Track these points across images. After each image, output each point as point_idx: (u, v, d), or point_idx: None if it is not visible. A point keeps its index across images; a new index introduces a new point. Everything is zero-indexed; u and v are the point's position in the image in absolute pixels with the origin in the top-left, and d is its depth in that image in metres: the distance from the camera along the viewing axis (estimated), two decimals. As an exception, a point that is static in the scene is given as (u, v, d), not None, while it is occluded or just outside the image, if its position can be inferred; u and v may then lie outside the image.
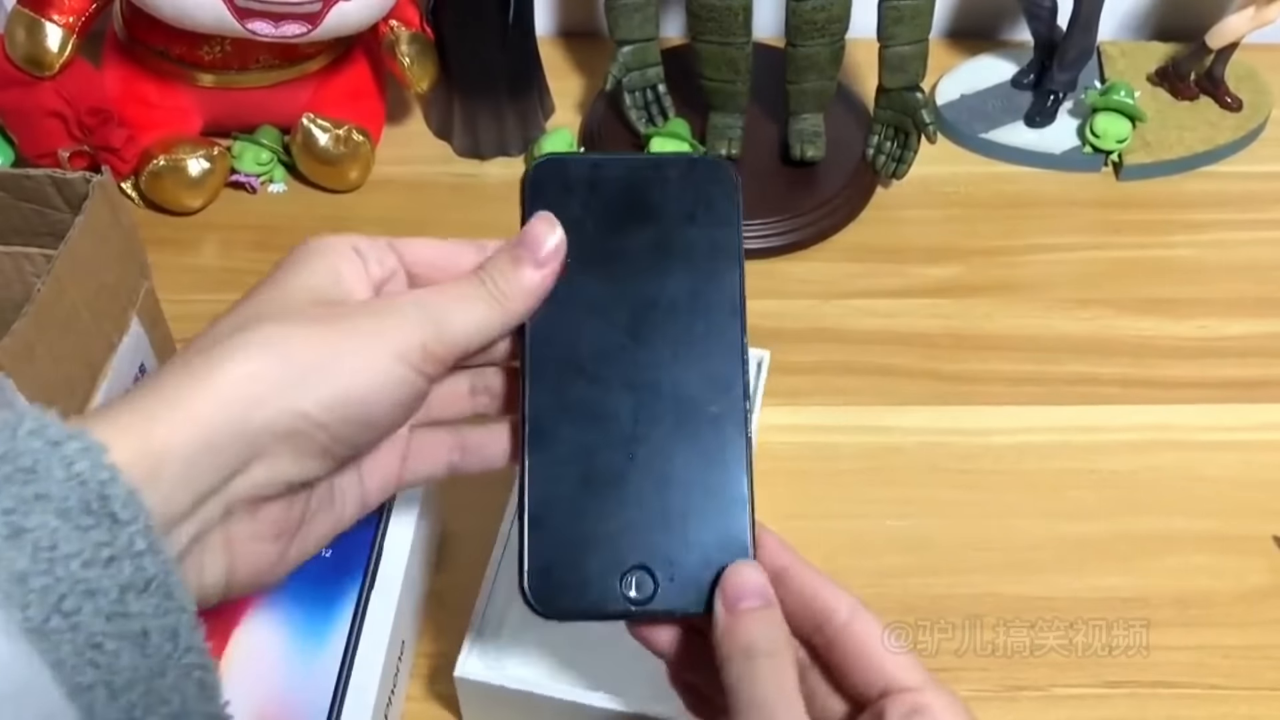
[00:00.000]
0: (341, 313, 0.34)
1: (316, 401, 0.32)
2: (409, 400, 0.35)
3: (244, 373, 0.31)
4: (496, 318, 0.36)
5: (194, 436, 0.30)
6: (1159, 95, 0.80)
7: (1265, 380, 0.65)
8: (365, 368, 0.33)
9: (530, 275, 0.36)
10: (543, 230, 0.37)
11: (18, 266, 0.50)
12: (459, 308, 0.36)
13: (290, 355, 0.32)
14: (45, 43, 0.64)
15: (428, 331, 0.34)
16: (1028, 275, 0.70)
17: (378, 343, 0.33)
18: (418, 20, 0.73)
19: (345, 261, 0.36)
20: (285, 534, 0.35)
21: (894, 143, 0.72)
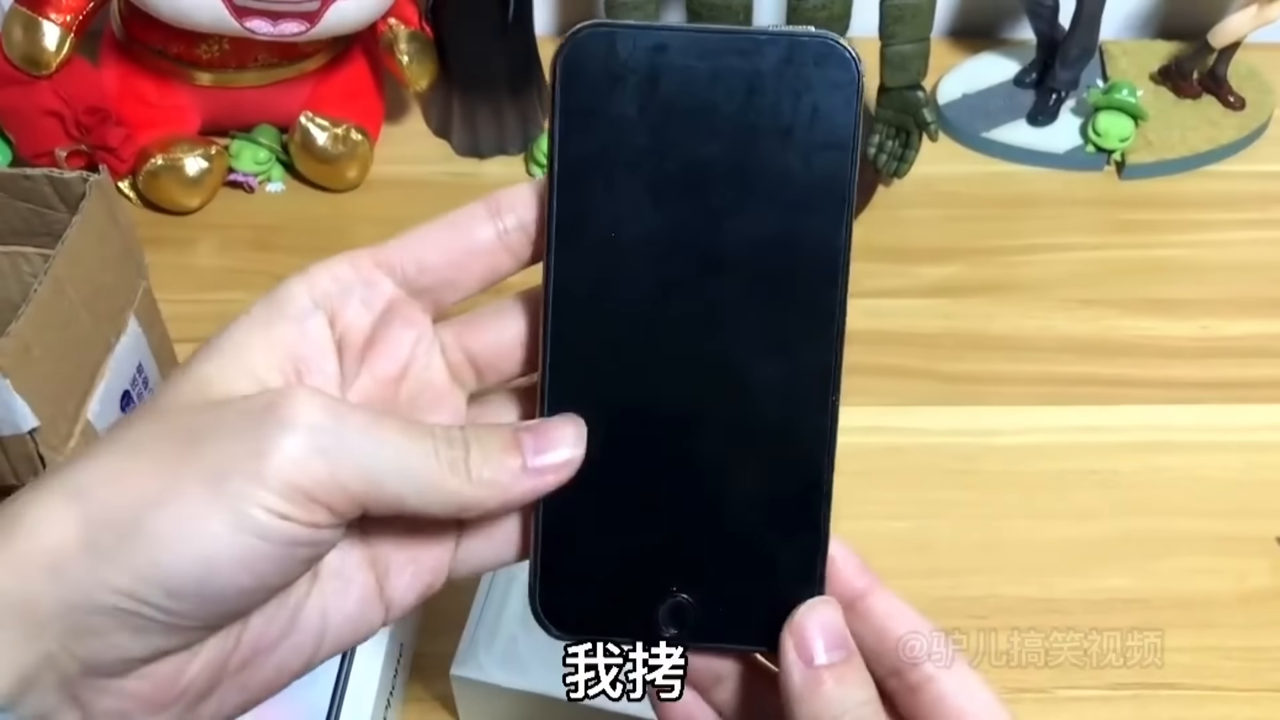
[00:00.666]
0: (206, 427, 0.25)
1: (129, 575, 0.24)
2: (277, 558, 0.25)
3: (43, 530, 0.24)
4: (444, 494, 0.26)
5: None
6: (1161, 94, 0.79)
7: (1267, 380, 0.65)
8: (196, 526, 0.24)
9: (515, 473, 0.27)
10: (563, 435, 0.28)
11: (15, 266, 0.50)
12: (388, 452, 0.26)
13: (107, 504, 0.24)
14: (43, 42, 0.64)
15: (314, 470, 0.25)
16: (1029, 275, 0.70)
17: (226, 482, 0.24)
18: (416, 18, 0.73)
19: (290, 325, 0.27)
20: (175, 702, 0.26)
21: (895, 141, 0.72)
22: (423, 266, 0.29)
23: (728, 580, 0.29)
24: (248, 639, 0.27)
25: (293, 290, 0.28)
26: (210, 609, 0.25)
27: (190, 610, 0.25)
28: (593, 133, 0.28)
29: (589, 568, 0.30)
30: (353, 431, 0.26)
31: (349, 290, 0.28)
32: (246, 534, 0.24)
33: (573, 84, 0.28)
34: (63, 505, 0.24)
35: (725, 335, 0.28)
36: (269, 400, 0.26)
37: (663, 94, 0.28)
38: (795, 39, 0.28)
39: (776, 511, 0.29)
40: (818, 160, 0.28)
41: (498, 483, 0.27)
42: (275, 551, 0.25)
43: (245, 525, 0.24)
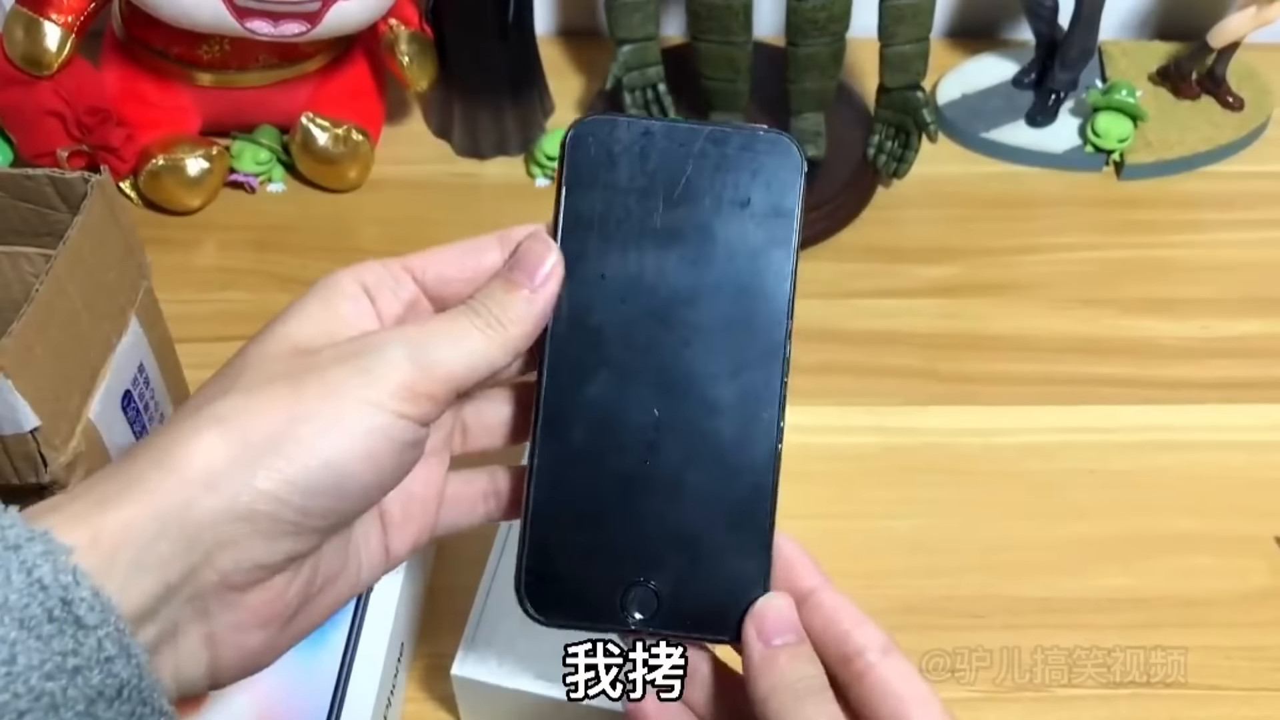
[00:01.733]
0: (311, 364, 0.31)
1: (276, 478, 0.29)
2: (396, 453, 0.31)
3: (196, 453, 0.29)
4: (494, 348, 0.33)
5: (145, 526, 0.28)
6: (1160, 95, 0.79)
7: (1267, 380, 0.65)
8: (332, 429, 0.30)
9: (526, 300, 0.34)
10: (538, 251, 0.34)
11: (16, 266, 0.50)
12: (448, 341, 0.33)
13: (247, 427, 0.30)
14: (44, 42, 0.64)
15: (412, 371, 0.31)
16: (1029, 275, 0.70)
17: (348, 395, 0.30)
18: (417, 19, 0.73)
19: (347, 301, 0.34)
20: (276, 618, 0.31)
21: (895, 142, 0.72)
22: (441, 278, 0.35)
23: (690, 575, 0.34)
24: (323, 568, 0.32)
25: (342, 279, 0.34)
26: (338, 506, 0.31)
27: (322, 508, 0.30)
28: (589, 196, 0.35)
29: (567, 560, 0.34)
30: (424, 338, 0.32)
31: (383, 282, 0.34)
32: (371, 432, 0.30)
33: (576, 157, 0.35)
34: (209, 431, 0.29)
35: (690, 362, 0.34)
36: (354, 342, 0.32)
37: (645, 167, 0.35)
38: (755, 132, 0.35)
39: (730, 517, 0.34)
40: (766, 226, 0.35)
41: (522, 316, 0.34)
42: (392, 447, 0.31)
43: (370, 424, 0.30)
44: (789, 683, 0.32)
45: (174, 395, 0.55)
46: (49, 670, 0.26)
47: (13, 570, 0.26)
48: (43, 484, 0.44)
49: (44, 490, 0.45)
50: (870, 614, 0.54)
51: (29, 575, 0.26)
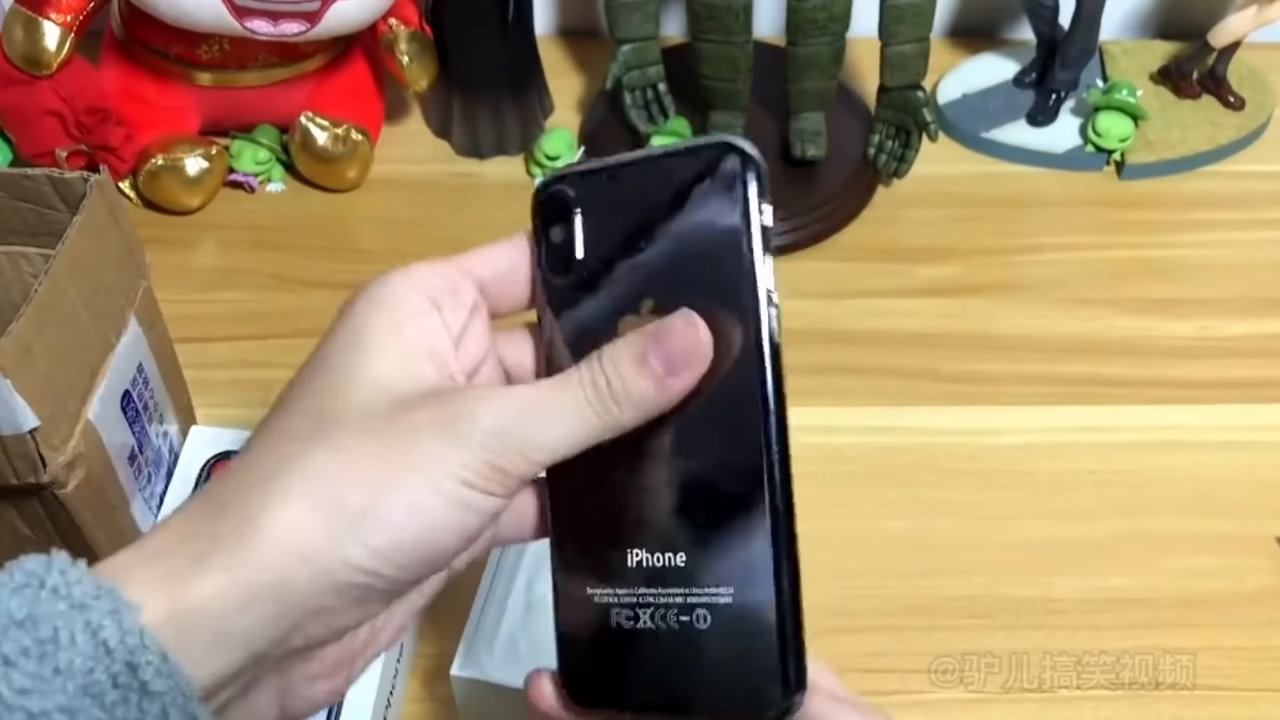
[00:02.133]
0: (402, 426, 0.29)
1: (370, 551, 0.28)
2: (482, 524, 0.30)
3: (286, 524, 0.28)
4: (598, 430, 0.30)
5: (230, 600, 0.27)
6: (1161, 94, 0.79)
7: (1267, 380, 0.65)
8: (426, 503, 0.29)
9: (657, 389, 0.30)
10: (688, 337, 0.30)
11: (15, 266, 0.50)
12: (553, 416, 0.30)
13: (340, 496, 0.28)
14: (43, 42, 0.64)
15: (504, 451, 0.29)
16: (1029, 275, 0.70)
17: (437, 469, 0.29)
18: (417, 19, 0.73)
19: (416, 321, 0.31)
20: (346, 666, 0.31)
21: (895, 142, 0.72)
22: (498, 275, 0.33)
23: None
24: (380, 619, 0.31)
25: (401, 293, 0.31)
26: (424, 571, 0.30)
27: (410, 575, 0.29)
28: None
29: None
30: (527, 410, 0.30)
31: (443, 291, 0.32)
32: (458, 508, 0.29)
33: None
34: (299, 496, 0.28)
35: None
36: (453, 405, 0.30)
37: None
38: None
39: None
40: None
41: (643, 403, 0.30)
42: (479, 519, 0.30)
43: (457, 502, 0.29)
44: None
45: (173, 395, 0.55)
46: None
47: (78, 631, 0.25)
48: (41, 484, 0.44)
49: (42, 490, 0.45)
50: (870, 614, 0.54)
51: (94, 636, 0.25)
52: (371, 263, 0.70)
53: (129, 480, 0.50)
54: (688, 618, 0.31)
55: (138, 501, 0.51)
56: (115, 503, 0.49)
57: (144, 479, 0.52)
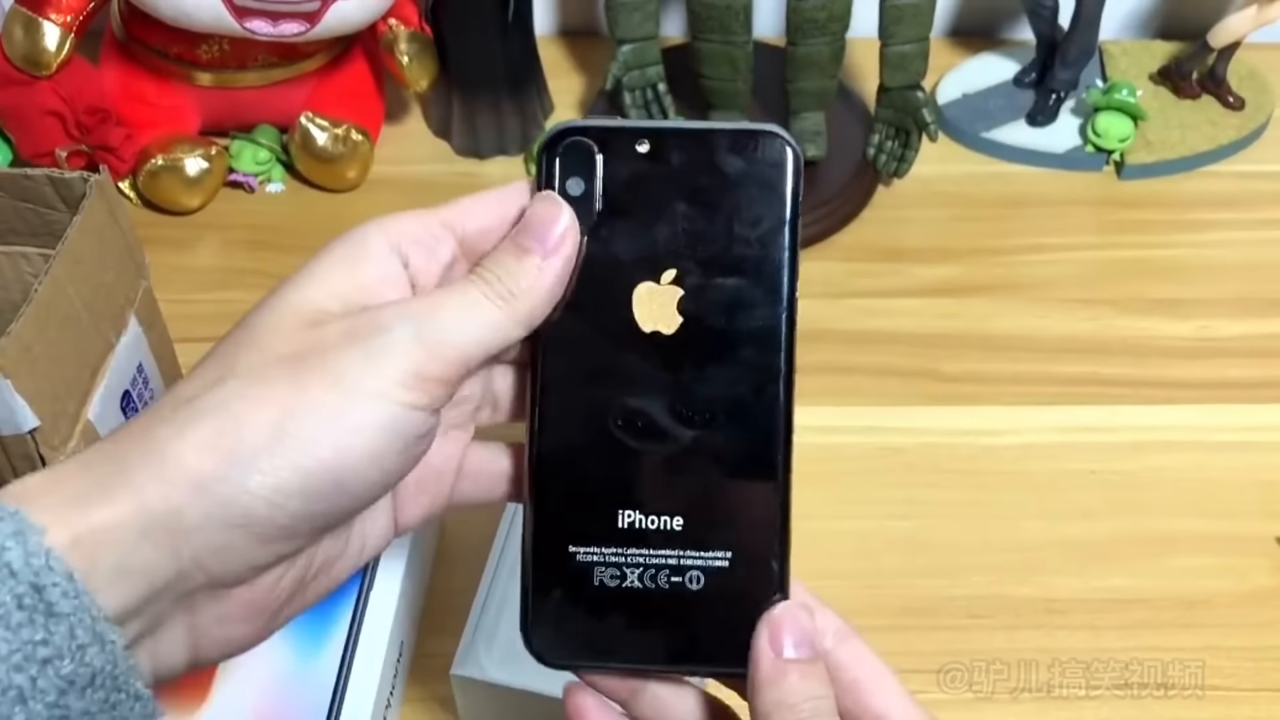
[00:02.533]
0: (315, 345, 0.29)
1: (270, 481, 0.27)
2: (403, 449, 0.29)
3: (186, 452, 0.27)
4: (504, 322, 0.30)
5: (129, 529, 0.26)
6: (1161, 94, 0.79)
7: (1267, 381, 0.65)
8: (333, 426, 0.28)
9: (539, 267, 0.31)
10: (548, 213, 0.31)
11: (15, 266, 0.50)
12: (457, 316, 0.30)
13: (241, 423, 0.27)
14: (43, 42, 0.64)
15: (419, 353, 0.29)
16: (1029, 275, 0.70)
17: (351, 385, 0.28)
18: (416, 19, 0.73)
19: (374, 265, 0.31)
20: (264, 611, 0.30)
21: (895, 142, 0.72)
22: (482, 230, 0.33)
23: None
24: (319, 557, 0.30)
25: (371, 236, 0.31)
26: (337, 508, 0.29)
27: (321, 511, 0.28)
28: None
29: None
30: (431, 313, 0.30)
31: (419, 242, 0.32)
32: (377, 427, 0.28)
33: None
34: (202, 426, 0.27)
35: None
36: (364, 316, 0.29)
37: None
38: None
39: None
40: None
41: (533, 286, 0.31)
42: (399, 443, 0.29)
43: (375, 419, 0.28)
44: (796, 701, 0.30)
45: (173, 395, 0.55)
46: (17, 662, 0.24)
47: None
48: (42, 484, 0.44)
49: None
50: (870, 614, 0.54)
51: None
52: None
53: (129, 480, 0.50)
54: (680, 579, 0.32)
55: (138, 501, 0.51)
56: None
57: (144, 479, 0.52)
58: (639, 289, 0.32)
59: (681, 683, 0.33)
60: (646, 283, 0.32)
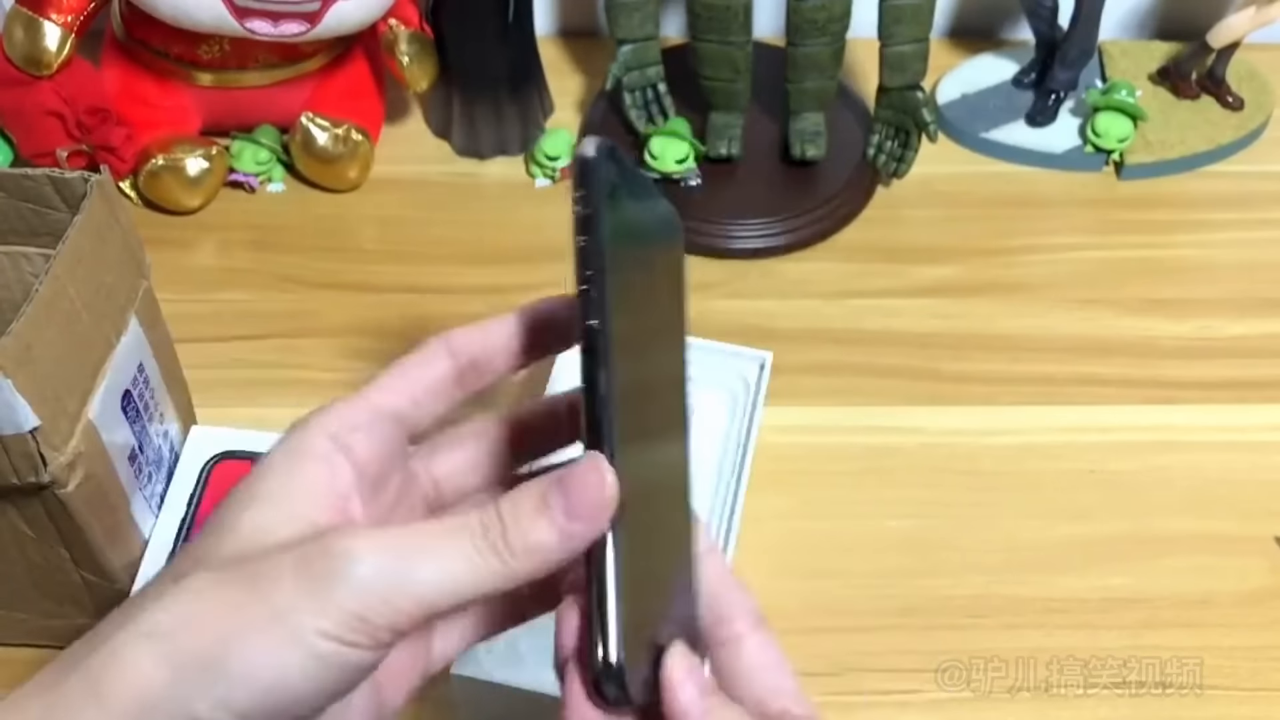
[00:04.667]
0: (260, 571, 0.27)
1: (215, 705, 0.26)
2: (349, 679, 0.28)
3: (127, 678, 0.26)
4: (489, 578, 0.28)
5: None
6: (1160, 94, 0.79)
7: (1267, 380, 0.65)
8: (273, 655, 0.27)
9: (560, 537, 0.28)
10: (592, 478, 0.28)
11: (16, 266, 0.50)
12: (432, 567, 0.27)
13: (181, 645, 0.27)
14: (44, 42, 0.64)
15: (370, 600, 0.27)
16: (1028, 275, 0.70)
17: (292, 619, 0.27)
18: (417, 19, 0.73)
19: (317, 464, 0.30)
20: None
21: (895, 142, 0.72)
22: (412, 401, 0.32)
23: None
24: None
25: (311, 432, 0.31)
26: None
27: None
28: None
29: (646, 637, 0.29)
30: (400, 553, 0.28)
31: (356, 428, 0.31)
32: (317, 662, 0.27)
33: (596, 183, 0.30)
34: (142, 650, 0.27)
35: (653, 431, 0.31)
36: (320, 544, 0.28)
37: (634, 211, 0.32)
38: None
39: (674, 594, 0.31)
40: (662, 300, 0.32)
41: (542, 550, 0.28)
42: (343, 675, 0.28)
43: (315, 655, 0.27)
44: None
45: (173, 395, 0.55)
46: None
47: None
48: (42, 484, 0.44)
49: (43, 490, 0.45)
50: (870, 614, 0.54)
51: None
52: (372, 263, 0.70)
53: (129, 480, 0.50)
54: None
55: (138, 501, 0.51)
56: (115, 502, 0.49)
57: (144, 478, 0.52)
58: None
59: None
60: None
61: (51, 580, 0.49)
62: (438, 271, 0.70)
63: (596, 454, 0.29)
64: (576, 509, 0.28)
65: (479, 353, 0.33)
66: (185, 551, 0.30)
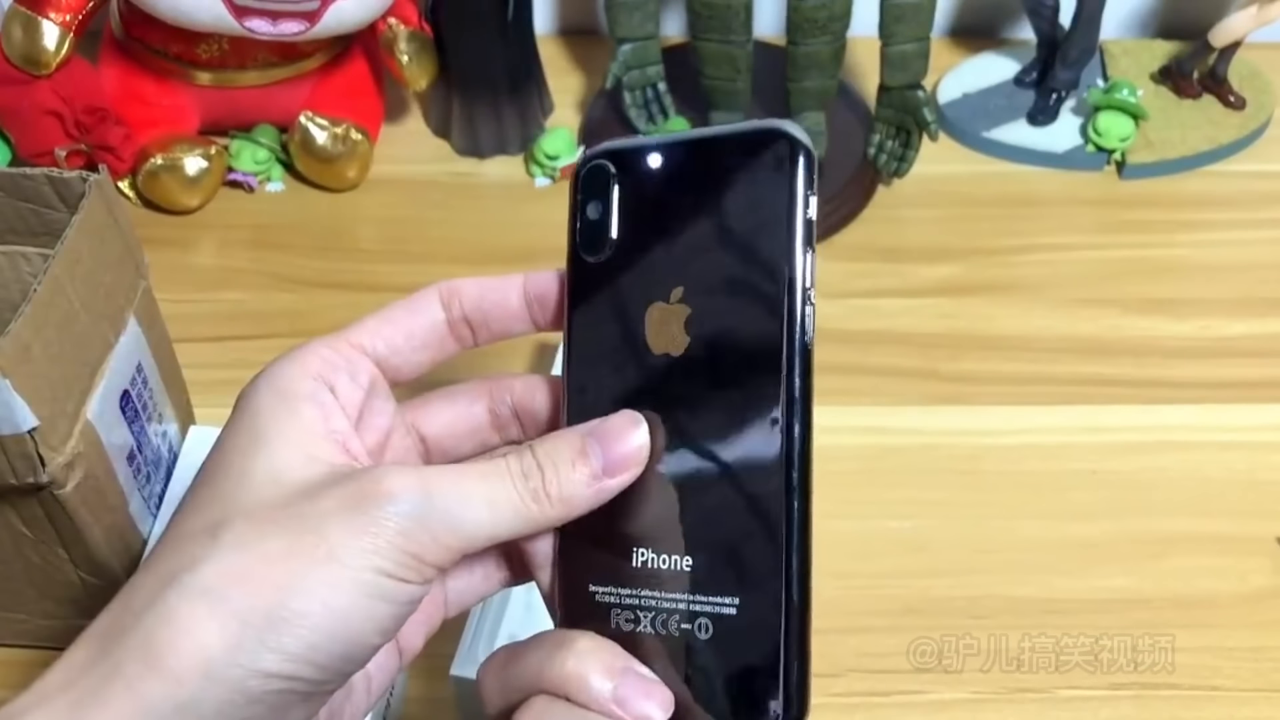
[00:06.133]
0: (308, 513, 0.28)
1: (284, 656, 0.27)
2: (402, 614, 0.29)
3: (187, 640, 0.26)
4: (530, 520, 0.29)
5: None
6: (1162, 94, 0.79)
7: (1268, 380, 0.64)
8: (339, 599, 0.27)
9: (591, 484, 0.29)
10: (626, 429, 0.30)
11: (14, 266, 0.50)
12: (476, 505, 0.28)
13: (242, 601, 0.27)
14: (42, 41, 0.64)
15: (420, 536, 0.28)
16: (1029, 275, 0.70)
17: (348, 560, 0.27)
18: (416, 18, 0.73)
19: (309, 405, 0.30)
20: None
21: (896, 141, 0.72)
22: (392, 347, 0.32)
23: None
24: (325, 709, 0.30)
25: (295, 379, 0.30)
26: (346, 669, 0.28)
27: (332, 676, 0.28)
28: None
29: None
30: (442, 495, 0.28)
31: (336, 368, 0.31)
32: (375, 599, 0.27)
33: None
34: (199, 609, 0.27)
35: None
36: (361, 484, 0.28)
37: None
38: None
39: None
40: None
41: (574, 498, 0.29)
42: (397, 610, 0.28)
43: (373, 593, 0.27)
44: None
45: (172, 395, 0.55)
46: None
47: None
48: (40, 484, 0.44)
49: (41, 490, 0.45)
50: (870, 614, 0.54)
51: None
52: (371, 262, 0.70)
53: (128, 480, 0.50)
54: (689, 626, 0.30)
55: (137, 501, 0.51)
56: (114, 502, 0.49)
57: (143, 479, 0.52)
58: (650, 311, 0.32)
59: None
60: (658, 303, 0.32)
61: (50, 581, 0.49)
62: (437, 271, 0.69)
63: (632, 412, 0.30)
64: (613, 464, 0.30)
65: (474, 307, 0.33)
66: (197, 503, 0.29)
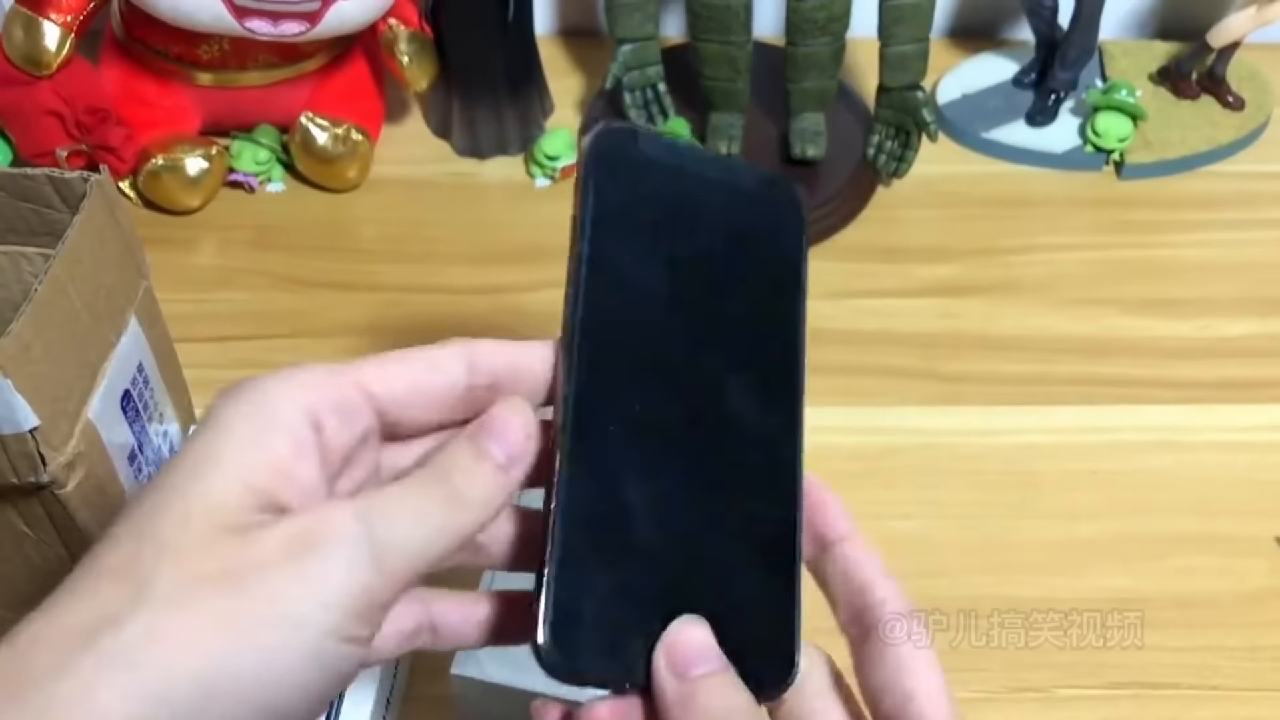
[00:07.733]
0: (246, 563, 0.25)
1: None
2: (336, 685, 0.26)
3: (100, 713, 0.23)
4: (451, 528, 0.27)
5: None
6: (1160, 94, 0.79)
7: (1267, 380, 0.65)
8: (270, 666, 0.25)
9: (497, 477, 0.28)
10: (511, 420, 0.29)
11: (15, 266, 0.50)
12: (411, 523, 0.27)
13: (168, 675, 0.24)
14: (43, 42, 0.64)
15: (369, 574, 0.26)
16: (1028, 275, 0.70)
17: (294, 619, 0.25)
18: (417, 19, 0.73)
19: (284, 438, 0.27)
20: None
21: (895, 142, 0.72)
22: (398, 401, 0.29)
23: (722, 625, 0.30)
24: None
25: (281, 404, 0.28)
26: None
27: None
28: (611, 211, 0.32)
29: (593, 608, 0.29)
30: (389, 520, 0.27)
31: (333, 407, 0.28)
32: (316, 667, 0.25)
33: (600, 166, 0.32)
34: (114, 680, 0.24)
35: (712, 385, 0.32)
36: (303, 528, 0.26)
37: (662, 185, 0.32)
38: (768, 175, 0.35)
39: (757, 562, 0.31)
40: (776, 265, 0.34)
41: (489, 494, 0.28)
42: (333, 681, 0.26)
43: (324, 660, 0.25)
44: (714, 718, 0.27)
45: (173, 395, 0.55)
46: None
47: None
48: (41, 484, 0.44)
49: (42, 489, 0.45)
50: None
51: None
52: (372, 262, 0.70)
53: (129, 480, 0.50)
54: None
55: (138, 501, 0.51)
56: (115, 502, 0.49)
57: (144, 478, 0.52)
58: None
59: None
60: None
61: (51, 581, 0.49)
62: (437, 271, 0.70)
63: (514, 398, 0.29)
64: (511, 450, 0.28)
65: (504, 375, 0.30)
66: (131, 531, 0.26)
